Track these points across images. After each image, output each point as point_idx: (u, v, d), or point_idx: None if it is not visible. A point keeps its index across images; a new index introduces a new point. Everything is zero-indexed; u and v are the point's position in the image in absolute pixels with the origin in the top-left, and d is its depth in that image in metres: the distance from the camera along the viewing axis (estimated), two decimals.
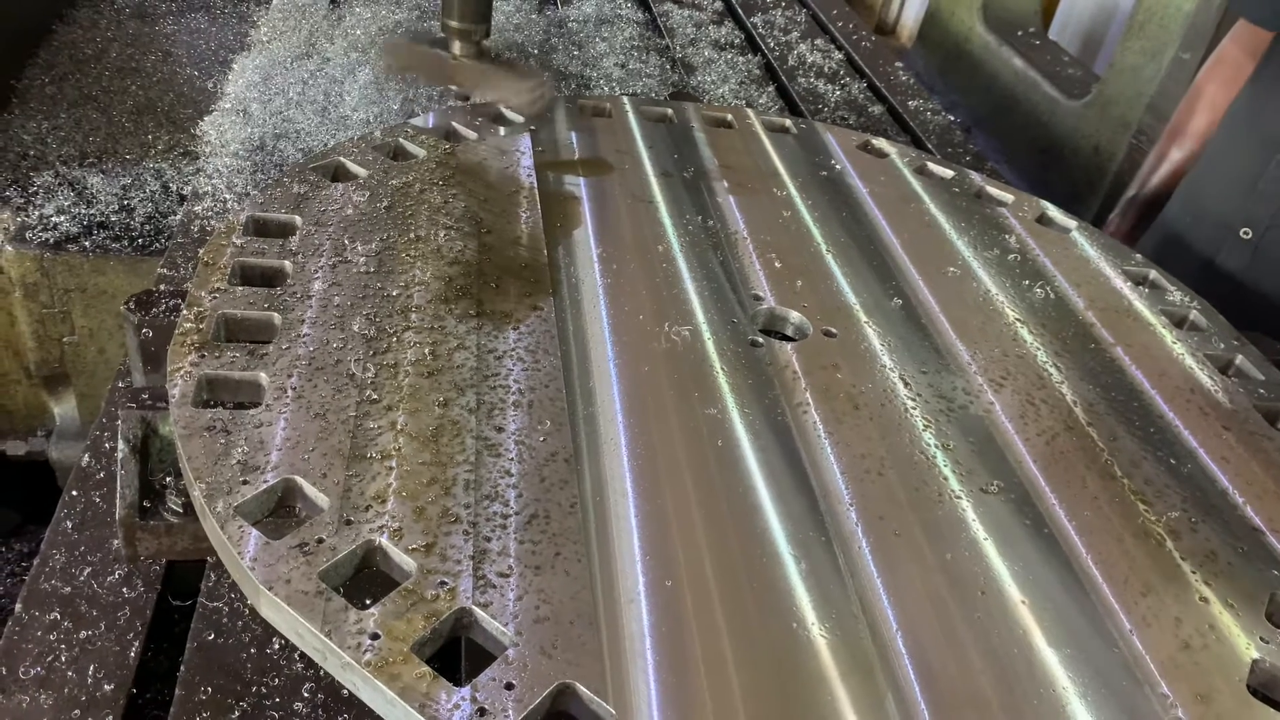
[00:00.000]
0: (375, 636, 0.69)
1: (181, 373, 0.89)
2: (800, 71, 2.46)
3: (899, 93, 2.43)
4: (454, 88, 1.52)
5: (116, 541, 0.99)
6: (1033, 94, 2.73)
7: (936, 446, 0.97)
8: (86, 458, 1.09)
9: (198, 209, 1.50)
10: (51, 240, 1.67)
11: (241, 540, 0.75)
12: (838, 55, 2.60)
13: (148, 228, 1.74)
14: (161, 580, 0.98)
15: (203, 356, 0.92)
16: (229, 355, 0.92)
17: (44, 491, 1.84)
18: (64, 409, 1.93)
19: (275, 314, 0.98)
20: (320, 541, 0.76)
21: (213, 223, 1.47)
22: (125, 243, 1.71)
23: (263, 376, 0.91)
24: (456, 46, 1.41)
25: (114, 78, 2.19)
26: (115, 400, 1.12)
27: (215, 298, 0.99)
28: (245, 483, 0.80)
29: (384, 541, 0.77)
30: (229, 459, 0.81)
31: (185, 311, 0.96)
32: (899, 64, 2.64)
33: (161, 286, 1.11)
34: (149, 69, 2.25)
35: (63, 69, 2.19)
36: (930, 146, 2.15)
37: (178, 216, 1.63)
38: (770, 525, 0.85)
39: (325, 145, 1.69)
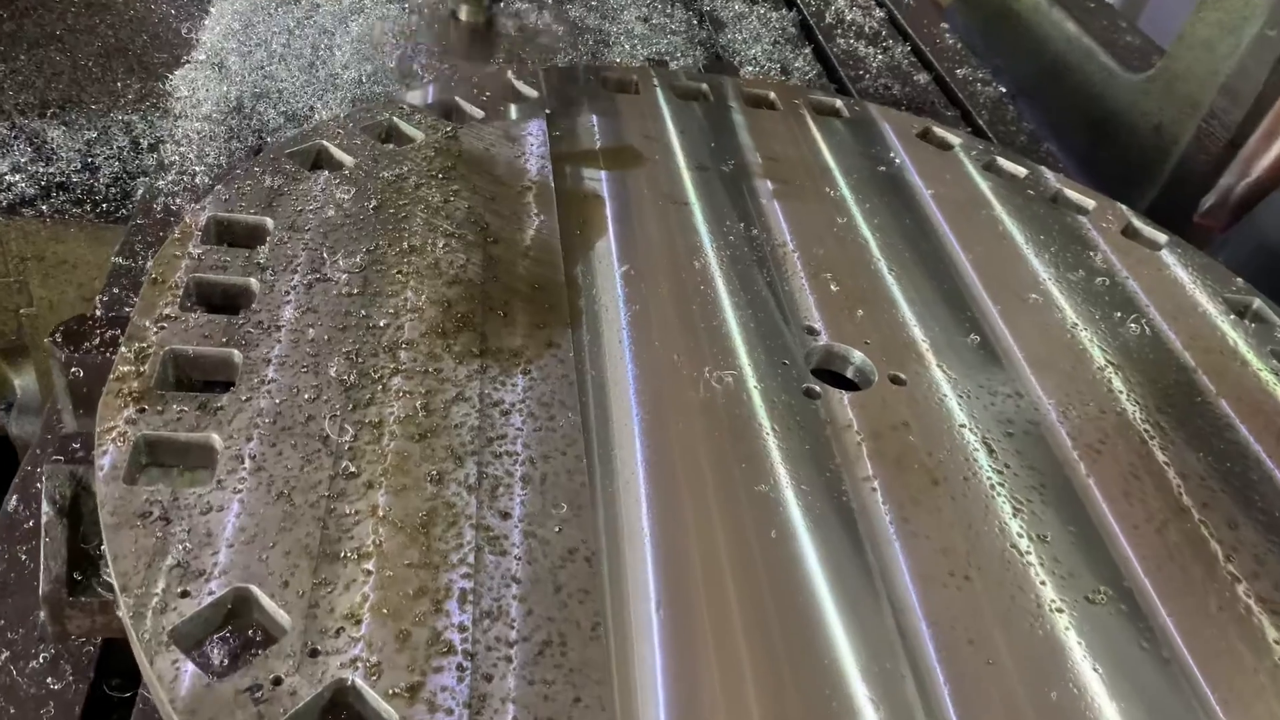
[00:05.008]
0: None
1: (114, 434, 0.72)
2: (839, 31, 2.24)
3: (945, 59, 2.21)
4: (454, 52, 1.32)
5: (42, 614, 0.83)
6: (1086, 63, 2.51)
7: (1031, 538, 0.81)
8: (14, 500, 0.92)
9: (161, 184, 1.31)
10: (5, 203, 1.50)
11: (175, 681, 0.59)
12: (879, 13, 2.37)
13: (113, 190, 1.55)
14: (95, 664, 0.82)
15: (142, 411, 0.74)
16: (175, 409, 0.75)
17: (2, 465, 1.70)
18: (24, 381, 1.78)
19: (235, 350, 0.81)
20: (277, 683, 0.60)
21: (178, 201, 1.28)
22: (88, 207, 1.53)
23: (215, 438, 0.74)
24: (464, 11, 1.21)
25: (81, 14, 1.97)
26: (43, 446, 0.94)
27: (163, 329, 0.81)
28: (185, 595, 0.63)
29: (358, 680, 0.61)
30: (165, 560, 0.65)
31: (124, 348, 0.79)
32: (944, 24, 2.42)
33: (97, 313, 0.93)
34: (120, 6, 2.03)
35: (23, 3, 1.97)
36: (982, 123, 1.95)
37: (139, 192, 1.44)
38: (840, 657, 0.69)
39: (310, 109, 1.50)
